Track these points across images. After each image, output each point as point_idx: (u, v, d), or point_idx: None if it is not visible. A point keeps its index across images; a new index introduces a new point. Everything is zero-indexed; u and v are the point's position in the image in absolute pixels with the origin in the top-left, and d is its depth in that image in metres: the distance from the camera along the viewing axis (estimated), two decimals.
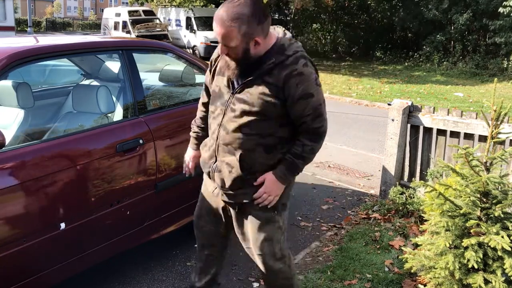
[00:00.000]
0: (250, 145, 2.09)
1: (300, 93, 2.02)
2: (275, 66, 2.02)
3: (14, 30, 15.66)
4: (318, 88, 2.10)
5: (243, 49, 1.99)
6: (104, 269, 3.01)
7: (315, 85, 2.07)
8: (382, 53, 20.01)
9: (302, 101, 2.04)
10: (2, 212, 2.20)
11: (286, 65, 2.02)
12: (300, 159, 2.14)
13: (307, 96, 2.04)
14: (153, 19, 22.95)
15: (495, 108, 2.51)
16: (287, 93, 2.02)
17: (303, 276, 3.07)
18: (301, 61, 2.04)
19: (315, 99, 2.08)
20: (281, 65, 2.02)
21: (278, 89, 2.02)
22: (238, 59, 2.04)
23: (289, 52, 2.04)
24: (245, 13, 1.92)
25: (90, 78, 3.59)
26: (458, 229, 2.48)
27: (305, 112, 2.08)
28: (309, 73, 2.04)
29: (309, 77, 2.04)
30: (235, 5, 1.93)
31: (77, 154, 2.57)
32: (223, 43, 2.00)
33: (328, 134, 2.42)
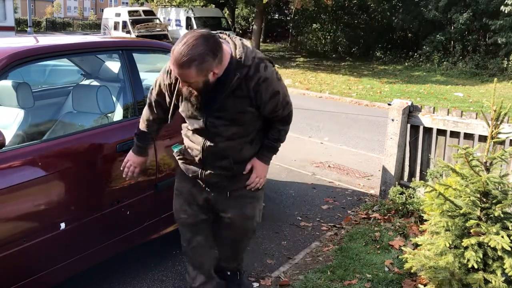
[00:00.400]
0: (238, 148, 2.33)
1: (269, 95, 2.19)
2: (241, 80, 2.12)
3: (14, 30, 15.66)
4: (280, 82, 2.28)
5: (203, 82, 2.07)
6: (104, 269, 3.01)
7: (277, 81, 2.24)
8: (382, 53, 20.01)
9: (272, 100, 2.22)
10: (2, 212, 2.20)
11: (251, 76, 2.13)
12: (278, 142, 2.43)
13: (275, 94, 2.23)
14: (153, 19, 22.94)
15: (495, 108, 2.51)
16: (259, 99, 2.18)
17: (303, 276, 3.08)
18: (261, 66, 2.16)
19: (281, 94, 2.27)
20: (246, 77, 2.13)
21: (250, 99, 2.17)
22: (199, 89, 2.11)
23: (248, 62, 2.13)
24: (200, 53, 1.95)
25: (90, 78, 3.59)
26: (458, 229, 2.48)
27: (277, 108, 2.28)
28: (271, 74, 2.19)
29: (272, 77, 2.20)
30: (190, 47, 1.95)
31: (77, 154, 2.57)
32: (182, 80, 2.07)
33: (328, 134, 2.48)
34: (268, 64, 2.19)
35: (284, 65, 19.13)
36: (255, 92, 2.14)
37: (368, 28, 22.04)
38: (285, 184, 5.06)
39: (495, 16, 15.21)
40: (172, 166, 3.09)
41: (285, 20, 29.16)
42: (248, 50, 2.16)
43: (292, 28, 26.44)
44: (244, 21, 31.02)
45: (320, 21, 23.36)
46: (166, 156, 3.04)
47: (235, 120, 2.22)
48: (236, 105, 2.17)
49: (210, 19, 22.13)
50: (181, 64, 1.96)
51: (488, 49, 16.69)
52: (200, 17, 21.69)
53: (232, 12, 28.10)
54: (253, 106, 2.19)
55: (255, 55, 2.17)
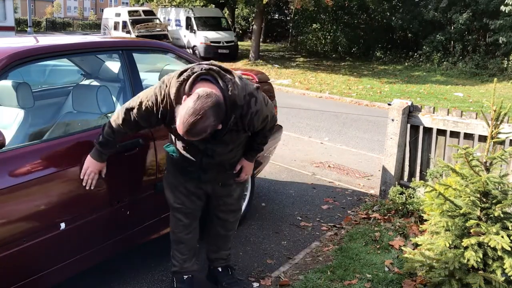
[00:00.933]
0: (233, 155, 2.59)
1: (260, 121, 2.42)
2: (237, 119, 2.30)
3: (14, 30, 15.65)
4: (268, 107, 2.46)
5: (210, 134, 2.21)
6: (104, 269, 3.01)
7: (266, 107, 2.42)
8: (382, 53, 20.01)
9: (263, 123, 2.47)
10: (2, 212, 2.20)
11: (245, 114, 2.31)
12: (263, 145, 2.72)
13: (265, 119, 2.47)
14: (153, 19, 22.92)
15: (495, 108, 2.51)
16: (252, 127, 2.41)
17: (303, 276, 3.08)
18: (252, 102, 2.31)
19: (270, 116, 2.50)
20: (241, 116, 2.31)
21: (244, 130, 2.41)
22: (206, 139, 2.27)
23: (240, 102, 2.26)
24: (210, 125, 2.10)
25: (90, 78, 3.59)
26: (458, 229, 2.48)
27: (266, 126, 2.55)
28: (261, 105, 2.36)
29: (262, 108, 2.37)
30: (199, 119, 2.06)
31: (77, 154, 2.56)
32: None
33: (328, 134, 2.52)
34: (258, 95, 2.35)
35: (284, 65, 19.14)
36: (249, 124, 2.36)
37: (368, 28, 22.04)
38: (285, 184, 5.07)
39: (495, 16, 15.21)
40: None
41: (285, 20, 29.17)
42: (239, 88, 2.25)
43: (292, 28, 26.44)
44: (244, 21, 31.02)
45: (320, 21, 23.36)
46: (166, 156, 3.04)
47: (231, 144, 2.48)
48: (232, 136, 2.41)
49: (210, 19, 22.12)
50: (192, 135, 2.12)
51: (488, 49, 16.69)
52: (200, 17, 21.69)
53: (232, 12, 28.10)
54: (246, 132, 2.46)
55: (246, 92, 2.29)
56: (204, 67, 2.24)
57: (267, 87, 4.33)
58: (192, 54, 7.19)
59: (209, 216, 2.87)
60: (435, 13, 17.26)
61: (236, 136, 2.43)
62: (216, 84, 2.21)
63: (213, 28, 21.21)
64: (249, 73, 4.41)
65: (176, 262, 2.82)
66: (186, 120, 2.06)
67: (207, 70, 2.23)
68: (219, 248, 2.91)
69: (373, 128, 8.11)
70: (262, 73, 4.51)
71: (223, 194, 2.73)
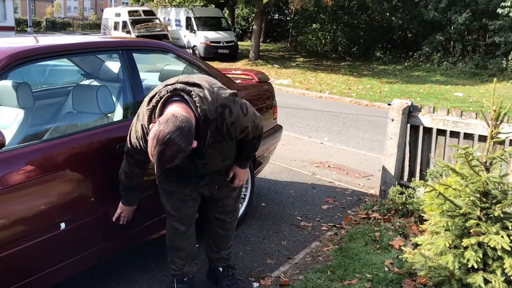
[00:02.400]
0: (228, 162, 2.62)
1: (239, 131, 2.41)
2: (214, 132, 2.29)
3: (14, 30, 15.65)
4: (248, 117, 2.43)
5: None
6: (104, 269, 3.02)
7: (244, 118, 2.40)
8: (382, 53, 20.01)
9: (243, 132, 2.45)
10: (2, 212, 2.20)
11: (220, 126, 2.29)
12: (253, 152, 2.72)
13: (245, 129, 2.44)
14: (153, 19, 22.93)
15: (495, 108, 2.51)
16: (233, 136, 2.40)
17: (303, 276, 3.08)
18: (226, 113, 2.28)
19: (250, 125, 2.46)
20: (217, 129, 2.29)
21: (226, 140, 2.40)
22: None
23: (213, 116, 2.24)
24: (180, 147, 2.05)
25: (90, 78, 3.59)
26: (458, 229, 2.49)
27: (249, 135, 2.51)
28: (237, 116, 2.33)
29: (239, 117, 2.35)
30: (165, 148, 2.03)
31: (77, 154, 2.57)
32: None
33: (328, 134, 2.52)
34: (232, 106, 2.30)
35: (284, 65, 19.14)
36: (228, 134, 2.35)
37: (368, 28, 22.03)
38: (285, 184, 5.07)
39: (494, 16, 15.21)
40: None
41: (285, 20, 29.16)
42: (209, 101, 2.22)
43: (292, 28, 26.44)
44: (244, 21, 31.01)
45: (320, 21, 23.36)
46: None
47: (221, 155, 2.50)
48: (216, 148, 2.41)
49: (210, 19, 22.12)
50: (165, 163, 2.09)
51: (488, 49, 16.69)
52: (200, 17, 21.69)
53: (232, 12, 28.10)
54: (231, 140, 2.45)
55: (217, 104, 2.25)
56: (169, 89, 2.22)
57: (267, 87, 4.33)
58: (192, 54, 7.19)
59: (208, 217, 2.88)
60: (435, 13, 17.26)
61: (220, 147, 2.43)
62: (185, 102, 2.19)
63: (213, 28, 21.21)
64: (249, 73, 4.42)
65: (175, 267, 2.82)
66: (152, 151, 2.05)
67: (172, 91, 2.21)
68: (219, 249, 2.91)
69: (373, 128, 8.11)
70: (262, 73, 4.51)
71: (220, 196, 2.73)
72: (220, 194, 2.72)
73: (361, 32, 22.14)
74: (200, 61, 3.77)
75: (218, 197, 2.74)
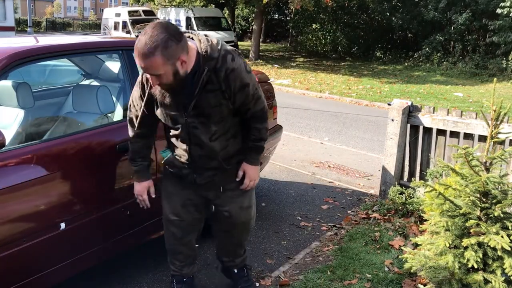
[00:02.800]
0: (224, 145, 2.36)
1: (238, 85, 2.20)
2: (211, 73, 2.15)
3: (14, 30, 15.64)
4: (250, 75, 2.27)
5: (173, 72, 2.07)
6: (104, 269, 3.02)
7: (246, 73, 2.24)
8: (382, 53, 20.02)
9: (242, 91, 2.23)
10: (2, 212, 2.20)
11: (219, 68, 2.15)
12: (261, 141, 2.44)
13: (244, 87, 2.23)
14: (153, 19, 22.91)
15: (495, 108, 2.51)
16: (229, 91, 2.20)
17: (303, 276, 3.08)
18: (228, 58, 2.18)
19: (251, 86, 2.27)
20: (215, 69, 2.15)
21: (221, 92, 2.19)
22: (170, 84, 2.12)
23: (215, 55, 2.16)
24: (162, 38, 1.97)
25: (90, 78, 3.59)
26: (458, 229, 2.48)
27: (247, 100, 2.28)
28: (239, 65, 2.20)
29: (240, 69, 2.20)
30: (150, 36, 1.98)
31: (77, 154, 2.57)
32: (151, 74, 2.07)
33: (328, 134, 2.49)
34: (235, 55, 2.22)
35: (284, 65, 19.13)
36: (226, 83, 2.17)
37: (368, 28, 22.04)
38: (285, 184, 5.07)
39: (494, 16, 15.21)
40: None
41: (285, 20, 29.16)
42: (213, 43, 2.20)
43: (292, 28, 26.44)
44: (244, 21, 31.02)
45: (320, 21, 23.36)
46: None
47: (212, 116, 2.24)
48: (209, 99, 2.19)
49: (210, 19, 22.11)
50: (146, 54, 1.97)
51: (488, 49, 16.70)
52: (200, 17, 21.69)
53: (232, 12, 28.09)
54: (226, 98, 2.21)
55: (221, 47, 2.19)
56: None
57: (267, 87, 4.33)
58: None
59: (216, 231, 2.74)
60: (435, 13, 17.27)
61: (214, 100, 2.20)
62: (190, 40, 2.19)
63: (213, 28, 21.19)
64: None
65: (174, 268, 2.75)
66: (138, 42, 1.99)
67: None
68: (232, 257, 2.78)
69: (373, 128, 8.11)
70: (262, 73, 4.50)
71: (226, 202, 2.51)
72: (226, 199, 2.50)
73: (361, 32, 22.14)
74: None
75: (225, 204, 2.51)
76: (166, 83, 2.11)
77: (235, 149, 2.41)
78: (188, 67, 2.13)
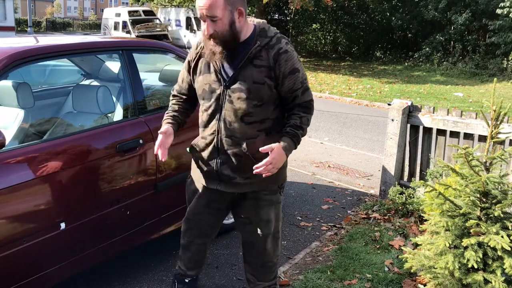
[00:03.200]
0: (252, 133, 2.21)
1: (289, 68, 2.15)
2: (262, 48, 2.14)
3: (14, 30, 15.66)
4: (301, 64, 2.26)
5: (229, 21, 2.07)
6: (104, 269, 3.01)
7: (298, 61, 2.22)
8: (382, 53, 20.03)
9: (292, 76, 2.16)
10: (2, 212, 2.20)
11: (272, 45, 2.15)
12: (300, 130, 2.24)
13: (295, 71, 2.17)
14: (153, 19, 22.94)
15: (495, 108, 2.51)
16: (278, 71, 2.14)
17: (303, 276, 3.08)
18: (283, 41, 2.19)
19: (301, 74, 2.22)
20: (267, 46, 2.14)
21: (269, 69, 2.13)
22: (224, 36, 2.09)
23: (271, 34, 2.19)
24: None
25: (90, 78, 3.59)
26: (458, 229, 2.48)
27: (295, 87, 2.20)
28: (292, 50, 2.20)
29: (293, 54, 2.19)
30: None
31: (77, 154, 2.57)
32: (208, 15, 2.06)
33: (328, 134, 2.47)
34: (290, 44, 2.22)
35: None
36: (275, 61, 2.12)
37: (368, 28, 22.04)
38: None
39: (494, 16, 15.22)
40: (172, 166, 3.10)
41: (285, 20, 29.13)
42: (271, 27, 2.23)
43: (292, 28, 26.42)
44: None
45: (320, 21, 23.36)
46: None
47: (251, 92, 2.12)
48: (253, 74, 2.12)
49: None
50: None
51: (487, 49, 16.70)
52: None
53: None
54: (271, 78, 2.13)
55: (278, 32, 2.22)
56: None
57: None
58: None
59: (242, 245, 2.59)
60: (435, 13, 17.27)
61: (257, 76, 2.11)
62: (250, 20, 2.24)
63: None
64: None
65: (181, 264, 2.67)
66: None
67: None
68: (256, 278, 2.57)
69: (373, 128, 8.11)
70: None
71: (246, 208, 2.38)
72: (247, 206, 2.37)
73: (361, 32, 22.15)
74: None
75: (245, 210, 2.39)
76: (221, 33, 2.08)
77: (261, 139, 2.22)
78: (243, 33, 2.14)
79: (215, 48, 2.12)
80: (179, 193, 3.18)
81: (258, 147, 2.16)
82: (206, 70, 2.24)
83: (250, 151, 2.20)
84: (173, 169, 3.10)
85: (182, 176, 3.17)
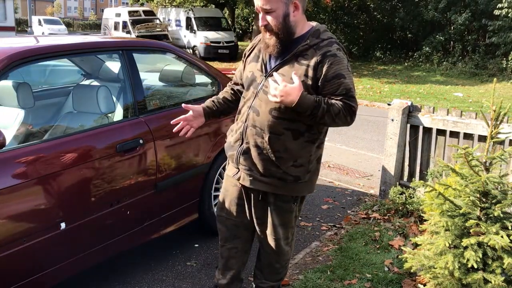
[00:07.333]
0: (278, 129, 2.14)
1: (333, 72, 2.06)
2: (309, 47, 2.10)
3: (14, 30, 15.66)
4: (350, 74, 2.14)
5: (283, 13, 2.07)
6: (104, 269, 3.02)
7: (347, 69, 2.11)
8: (382, 53, 20.01)
9: (335, 81, 2.06)
10: (2, 212, 2.21)
11: (320, 47, 2.10)
12: (326, 106, 2.05)
13: (340, 77, 2.07)
14: (153, 19, 22.93)
15: (495, 108, 2.51)
16: (320, 73, 2.07)
17: (303, 276, 3.08)
18: (334, 46, 2.12)
19: (347, 81, 2.09)
20: (316, 47, 2.10)
21: (311, 69, 2.07)
22: (279, 28, 2.09)
23: (324, 37, 2.14)
24: None
25: (90, 78, 3.60)
26: (457, 229, 2.48)
27: (338, 92, 2.07)
28: (342, 57, 2.11)
29: (342, 60, 2.10)
30: None
31: (77, 154, 2.57)
32: (264, 7, 2.07)
33: (328, 134, 2.47)
34: (342, 50, 2.15)
35: None
36: (319, 62, 2.05)
37: (368, 28, 22.03)
38: None
39: (494, 16, 15.21)
40: (172, 166, 3.10)
41: None
42: (328, 32, 2.20)
43: None
44: (244, 21, 30.98)
45: (320, 21, 23.27)
46: (166, 156, 3.05)
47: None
48: (294, 70, 2.08)
49: (210, 19, 22.10)
50: None
51: (487, 49, 16.69)
52: (200, 17, 21.67)
53: (232, 12, 28.07)
54: (311, 78, 2.06)
55: (334, 38, 2.18)
56: None
57: None
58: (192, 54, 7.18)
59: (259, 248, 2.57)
60: (435, 13, 17.27)
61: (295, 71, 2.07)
62: None
63: (213, 28, 21.19)
64: None
65: (216, 273, 2.62)
66: None
67: None
68: (263, 277, 2.58)
69: (373, 128, 8.11)
70: None
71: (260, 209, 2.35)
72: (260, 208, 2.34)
73: (361, 32, 22.13)
74: (200, 61, 3.78)
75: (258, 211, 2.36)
76: (274, 25, 2.09)
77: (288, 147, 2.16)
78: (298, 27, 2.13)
79: (269, 41, 2.14)
80: (179, 193, 3.19)
81: (280, 147, 2.14)
82: (255, 59, 2.28)
83: (271, 146, 2.14)
84: (173, 169, 3.10)
85: (182, 176, 3.18)
